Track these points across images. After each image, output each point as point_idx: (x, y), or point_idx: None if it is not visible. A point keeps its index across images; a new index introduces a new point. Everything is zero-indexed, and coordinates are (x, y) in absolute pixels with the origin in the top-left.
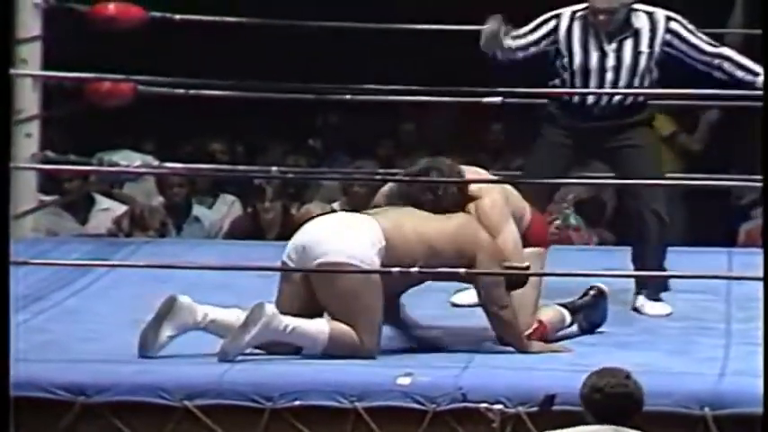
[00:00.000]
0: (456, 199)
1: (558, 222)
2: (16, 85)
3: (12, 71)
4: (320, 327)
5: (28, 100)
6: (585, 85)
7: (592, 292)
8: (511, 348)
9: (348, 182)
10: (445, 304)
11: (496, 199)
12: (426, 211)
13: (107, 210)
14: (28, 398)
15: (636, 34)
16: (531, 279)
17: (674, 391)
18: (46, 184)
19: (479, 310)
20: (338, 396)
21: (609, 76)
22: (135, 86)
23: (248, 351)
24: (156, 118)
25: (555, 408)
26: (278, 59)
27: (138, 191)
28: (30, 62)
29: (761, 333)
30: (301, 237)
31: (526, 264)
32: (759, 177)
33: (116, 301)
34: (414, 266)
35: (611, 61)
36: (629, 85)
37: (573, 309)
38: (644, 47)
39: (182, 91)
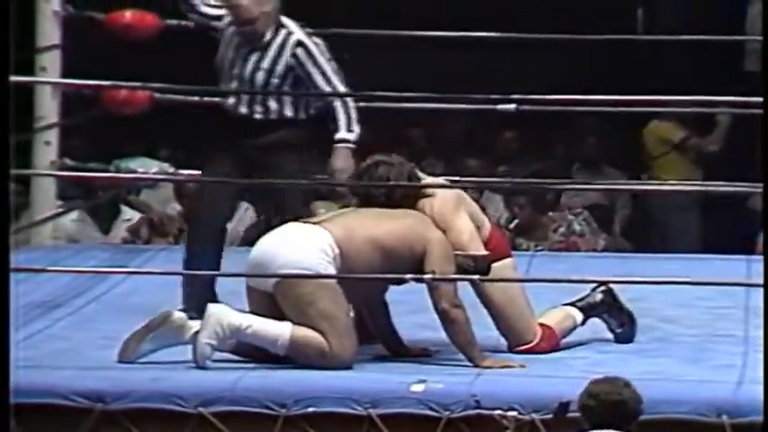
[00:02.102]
0: (407, 195)
1: (562, 230)
2: (36, 93)
3: (11, 78)
4: (282, 328)
5: (47, 108)
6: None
7: (598, 291)
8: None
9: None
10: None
11: (447, 196)
12: (378, 207)
13: (129, 220)
14: (47, 405)
15: (265, 49)
16: (515, 293)
17: (691, 398)
18: (67, 192)
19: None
20: (352, 403)
21: (233, 84)
22: (151, 94)
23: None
24: (173, 125)
25: (569, 415)
26: None
27: (154, 198)
28: (49, 70)
29: (761, 339)
30: (256, 252)
31: (485, 252)
32: (760, 184)
33: (133, 308)
34: (369, 272)
35: (236, 69)
36: (252, 100)
37: (582, 308)
38: (266, 63)
39: (197, 98)
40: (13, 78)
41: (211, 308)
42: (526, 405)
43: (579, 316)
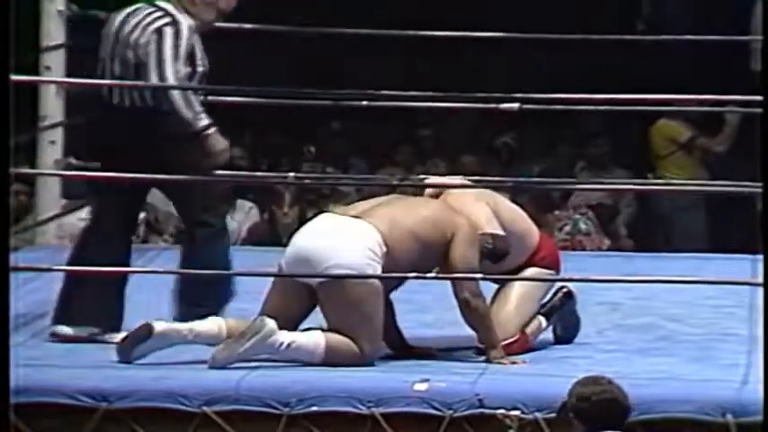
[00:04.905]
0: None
1: (567, 228)
2: (40, 92)
3: (16, 78)
4: (316, 340)
5: (52, 107)
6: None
7: (560, 294)
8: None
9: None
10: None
11: (467, 190)
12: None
13: None
14: (52, 404)
15: None
16: (527, 294)
17: (696, 398)
18: (71, 191)
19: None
20: (355, 402)
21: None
22: None
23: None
24: None
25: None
26: (295, 66)
27: (159, 197)
28: (53, 69)
29: (761, 338)
30: (301, 246)
31: (502, 233)
32: (759, 184)
33: (137, 307)
34: (409, 264)
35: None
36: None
37: (545, 313)
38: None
39: (201, 97)
40: (17, 78)
41: (269, 323)
42: (529, 404)
43: (545, 322)
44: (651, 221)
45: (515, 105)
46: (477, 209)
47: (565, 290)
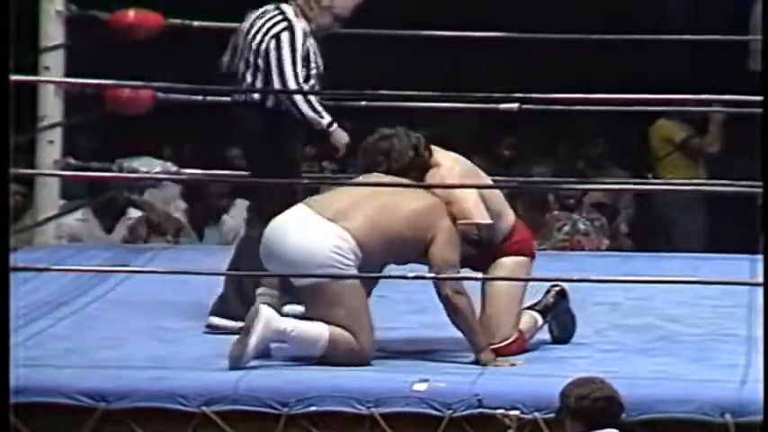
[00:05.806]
0: (413, 164)
1: (566, 229)
2: (39, 92)
3: (15, 78)
4: (320, 329)
5: (50, 107)
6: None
7: (553, 291)
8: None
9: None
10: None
11: (455, 168)
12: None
13: (132, 219)
14: (51, 404)
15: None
16: (513, 291)
17: (695, 398)
18: (70, 191)
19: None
20: (354, 402)
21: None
22: (154, 93)
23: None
24: (176, 124)
25: None
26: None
27: (158, 197)
28: (52, 69)
29: (761, 338)
30: (280, 245)
31: (489, 221)
32: (759, 184)
33: (136, 307)
34: (382, 261)
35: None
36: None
37: (541, 310)
38: None
39: (200, 98)
40: (17, 78)
41: (263, 309)
42: (528, 404)
43: (540, 319)
44: (650, 222)
45: (515, 105)
46: (463, 192)
47: (558, 288)
